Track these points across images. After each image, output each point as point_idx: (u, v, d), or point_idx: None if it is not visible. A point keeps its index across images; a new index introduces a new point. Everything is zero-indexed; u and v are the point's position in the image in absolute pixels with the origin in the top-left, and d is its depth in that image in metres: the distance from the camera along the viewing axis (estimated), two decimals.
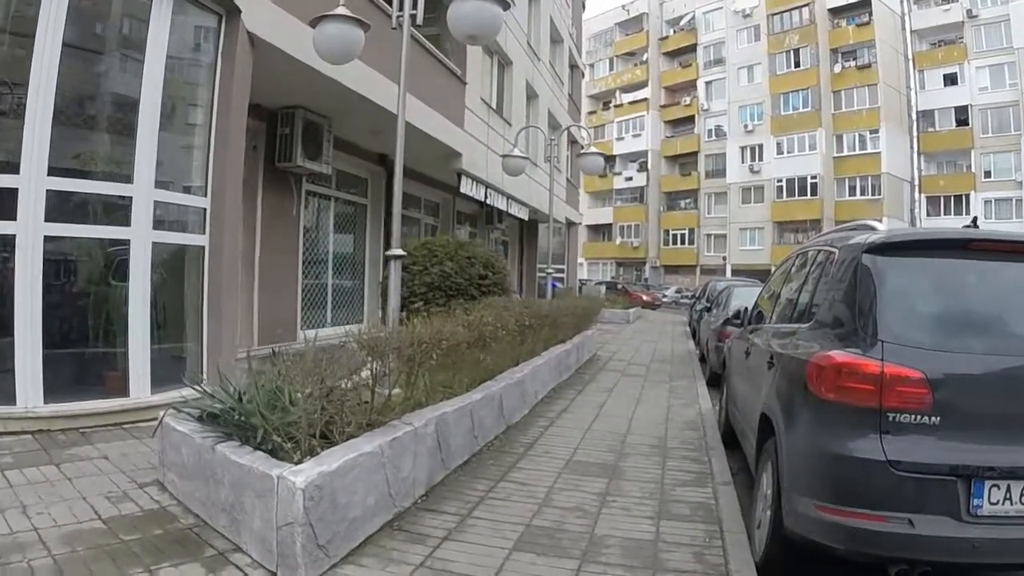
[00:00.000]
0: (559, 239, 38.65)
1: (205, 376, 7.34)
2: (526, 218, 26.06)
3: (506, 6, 7.76)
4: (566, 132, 32.76)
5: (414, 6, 7.98)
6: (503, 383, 8.05)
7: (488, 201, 20.93)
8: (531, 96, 26.55)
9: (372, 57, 11.19)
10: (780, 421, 4.77)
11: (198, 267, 8.39)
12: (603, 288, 45.10)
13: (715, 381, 12.82)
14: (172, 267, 8.22)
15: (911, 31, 59.56)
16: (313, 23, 7.88)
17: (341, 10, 7.77)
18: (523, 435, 7.99)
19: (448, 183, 19.11)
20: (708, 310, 17.80)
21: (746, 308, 8.23)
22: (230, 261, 8.71)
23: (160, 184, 7.76)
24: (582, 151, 15.76)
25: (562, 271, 38.26)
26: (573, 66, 36.88)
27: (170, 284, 8.16)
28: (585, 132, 16.94)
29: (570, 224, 37.49)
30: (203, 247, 8.36)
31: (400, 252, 7.63)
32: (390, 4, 8.15)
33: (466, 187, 18.64)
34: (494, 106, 21.54)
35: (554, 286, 36.22)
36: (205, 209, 8.39)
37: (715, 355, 13.23)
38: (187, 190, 8.44)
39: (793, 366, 4.82)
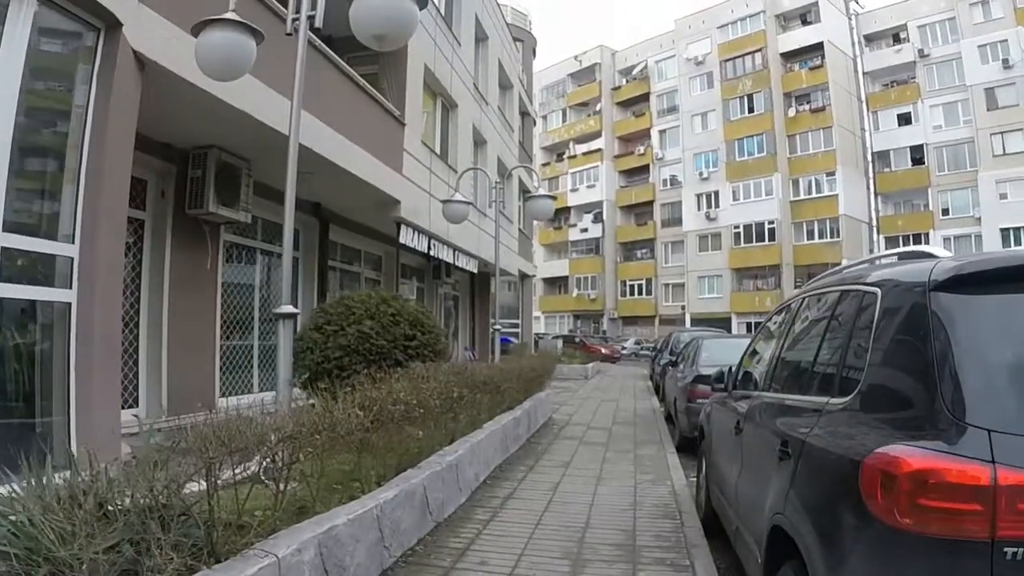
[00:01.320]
0: (513, 292, 37.25)
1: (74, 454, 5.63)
2: (475, 271, 24.55)
3: (423, 4, 6.26)
4: (517, 181, 31.52)
5: (312, 7, 6.46)
6: (428, 471, 6.42)
7: (432, 253, 19.39)
8: (479, 142, 25.19)
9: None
10: (813, 550, 3.09)
11: (64, 327, 6.69)
12: (560, 342, 43.56)
13: (687, 447, 11.40)
14: (24, 326, 6.52)
15: (863, 73, 60.05)
16: (195, 30, 6.36)
17: (230, 15, 6.26)
18: (455, 536, 6.28)
19: (390, 234, 17.56)
20: (673, 364, 16.16)
21: (730, 368, 6.63)
22: (107, 319, 7.03)
23: (10, 227, 6.10)
24: (530, 195, 14.29)
25: (517, 325, 36.79)
26: (524, 113, 35.78)
27: (23, 347, 6.46)
28: (535, 175, 15.45)
29: (524, 276, 36.03)
30: (69, 303, 6.67)
31: (290, 309, 5.98)
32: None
33: (406, 237, 17.12)
34: (438, 151, 20.09)
35: (506, 341, 35.13)
36: (72, 259, 6.71)
37: (685, 417, 11.67)
38: (50, 236, 6.75)
39: (832, 466, 3.15)
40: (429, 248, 19.00)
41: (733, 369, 6.55)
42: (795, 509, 3.44)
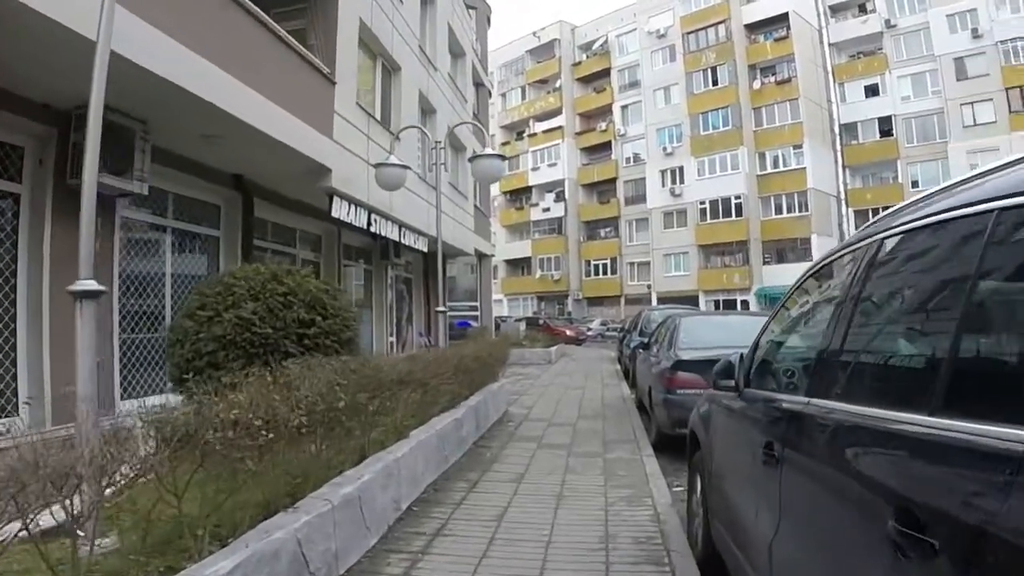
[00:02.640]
0: (471, 274, 35.42)
1: None
2: (426, 250, 22.52)
3: None
4: (471, 154, 29.57)
5: None
6: (311, 513, 4.42)
7: (374, 229, 17.43)
8: (427, 110, 23.18)
9: (188, 35, 8.74)
10: None
11: None
12: (522, 325, 41.75)
13: (667, 445, 9.55)
14: None
15: (829, 44, 58.37)
16: None
17: None
18: None
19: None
20: (645, 347, 14.08)
21: (740, 357, 4.66)
22: None
23: None
24: (476, 155, 12.30)
25: (476, 308, 34.96)
26: (479, 84, 33.79)
27: None
28: (485, 135, 13.52)
29: (481, 256, 34.10)
30: None
31: (90, 286, 4.03)
32: None
33: (341, 211, 15.17)
34: (378, 116, 18.08)
35: (464, 326, 33.33)
36: None
37: (663, 411, 9.68)
38: None
39: None
40: (369, 224, 17.08)
41: (743, 359, 4.61)
42: None
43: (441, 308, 12.69)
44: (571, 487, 7.44)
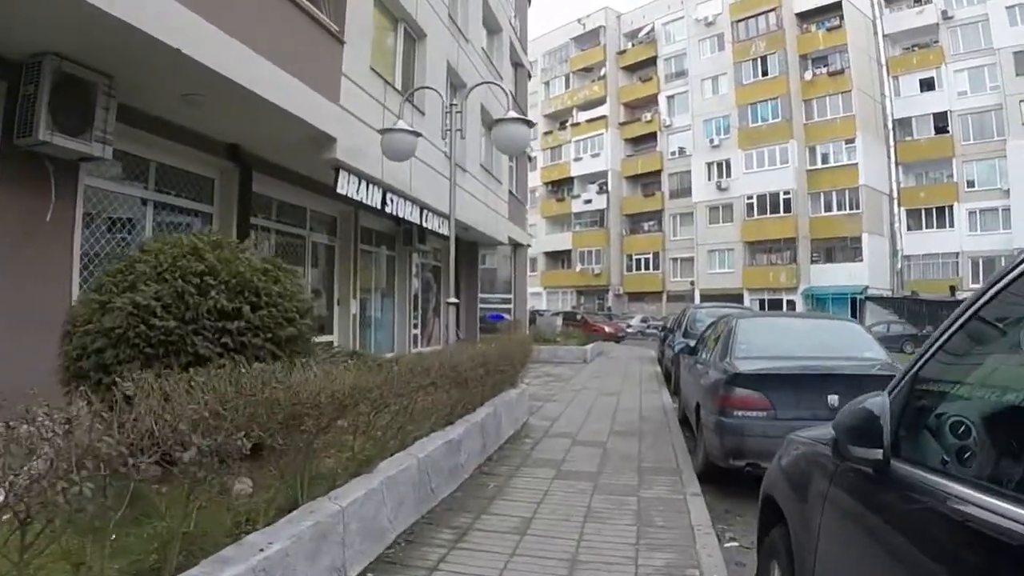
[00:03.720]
0: (506, 264, 33.64)
1: None
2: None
3: None
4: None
5: None
6: None
7: (389, 210, 15.69)
8: (457, 84, 21.36)
9: None
10: None
11: None
12: (559, 320, 39.84)
13: (716, 477, 7.82)
14: None
15: (884, 35, 56.37)
16: None
17: None
18: None
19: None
20: (691, 351, 11.82)
21: (885, 400, 2.58)
22: None
23: None
24: (498, 119, 10.36)
25: (509, 301, 33.16)
26: (517, 64, 31.99)
27: None
28: (508, 96, 11.62)
29: (517, 246, 32.26)
30: None
31: None
32: None
33: (349, 187, 13.48)
34: (398, 85, 16.31)
35: (497, 319, 31.53)
36: None
37: (716, 437, 7.58)
38: None
39: None
40: (384, 203, 15.34)
41: (891, 404, 2.57)
42: None
43: (453, 300, 10.76)
44: (590, 545, 5.48)
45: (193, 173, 11.90)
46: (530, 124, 10.55)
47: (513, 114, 10.27)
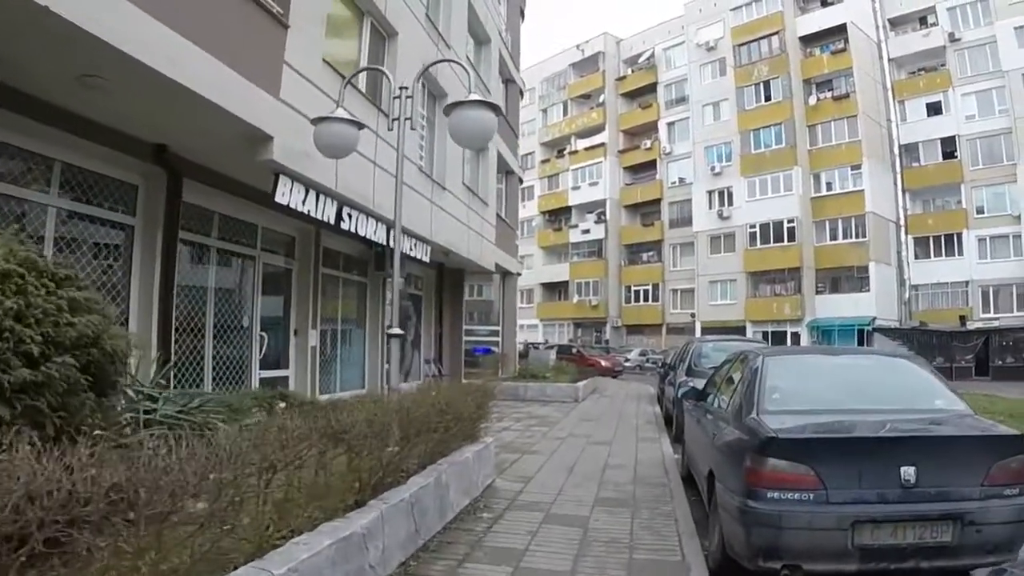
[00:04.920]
0: (492, 293, 31.57)
1: None
2: (427, 259, 18.52)
3: None
4: (495, 155, 25.82)
5: None
6: None
7: (347, 226, 13.61)
8: (436, 94, 19.32)
9: None
10: None
11: None
12: (552, 353, 37.65)
13: None
14: None
15: (889, 59, 55.47)
16: None
17: None
18: None
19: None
20: (699, 395, 9.41)
21: None
22: None
23: None
24: (455, 102, 8.17)
25: (496, 333, 31.04)
26: (508, 80, 29.98)
27: None
28: (468, 73, 9.60)
29: (505, 275, 30.11)
30: None
31: None
32: None
33: (291, 195, 11.54)
34: (361, 87, 14.26)
35: (484, 352, 29.48)
36: None
37: (739, 527, 5.13)
38: None
39: None
40: (340, 219, 13.26)
41: None
42: None
43: (395, 331, 8.54)
44: None
45: (110, 178, 10.13)
46: (496, 109, 8.35)
47: (475, 96, 8.11)
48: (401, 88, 8.89)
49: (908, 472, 4.95)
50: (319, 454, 4.57)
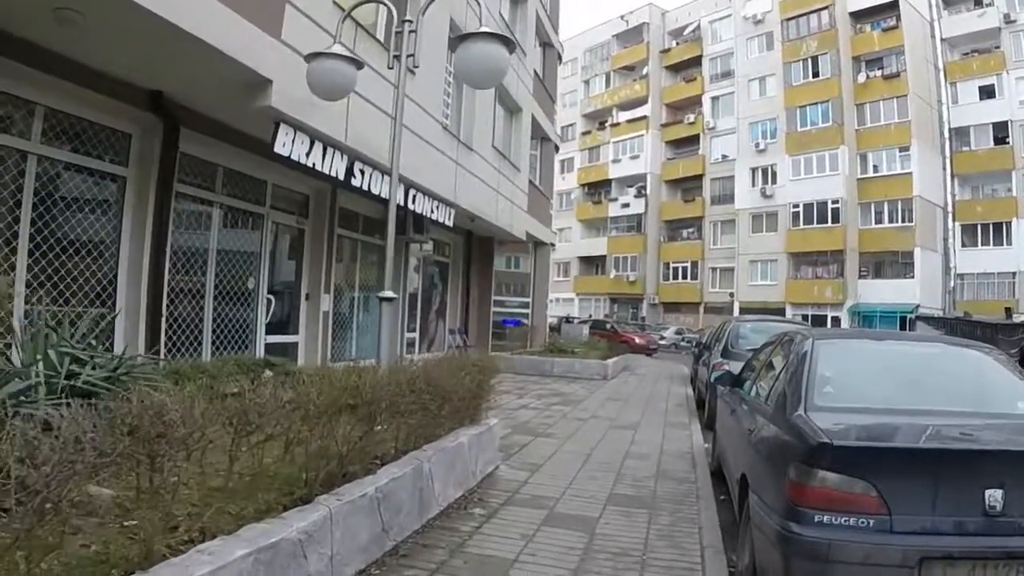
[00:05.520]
0: (524, 263, 30.54)
1: None
2: (451, 223, 17.52)
3: None
4: (529, 119, 24.76)
5: None
6: None
7: (358, 183, 12.66)
8: None
9: None
10: None
11: None
12: (585, 328, 36.77)
13: None
14: None
15: (941, 39, 53.45)
16: None
17: None
18: None
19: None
20: (734, 381, 7.83)
21: None
22: None
23: None
24: (462, 35, 7.13)
25: (527, 305, 30.08)
26: (546, 44, 28.84)
27: None
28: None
29: (538, 244, 29.07)
30: None
31: None
32: None
33: (293, 146, 10.63)
34: (378, 35, 13.27)
35: (512, 324, 28.56)
36: None
37: (777, 555, 3.96)
38: None
39: None
40: (350, 175, 12.31)
41: None
42: None
43: (388, 294, 7.61)
44: None
45: (100, 125, 9.39)
46: (509, 45, 7.31)
47: (486, 29, 7.09)
48: (404, 21, 7.87)
49: (994, 496, 3.81)
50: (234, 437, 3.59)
